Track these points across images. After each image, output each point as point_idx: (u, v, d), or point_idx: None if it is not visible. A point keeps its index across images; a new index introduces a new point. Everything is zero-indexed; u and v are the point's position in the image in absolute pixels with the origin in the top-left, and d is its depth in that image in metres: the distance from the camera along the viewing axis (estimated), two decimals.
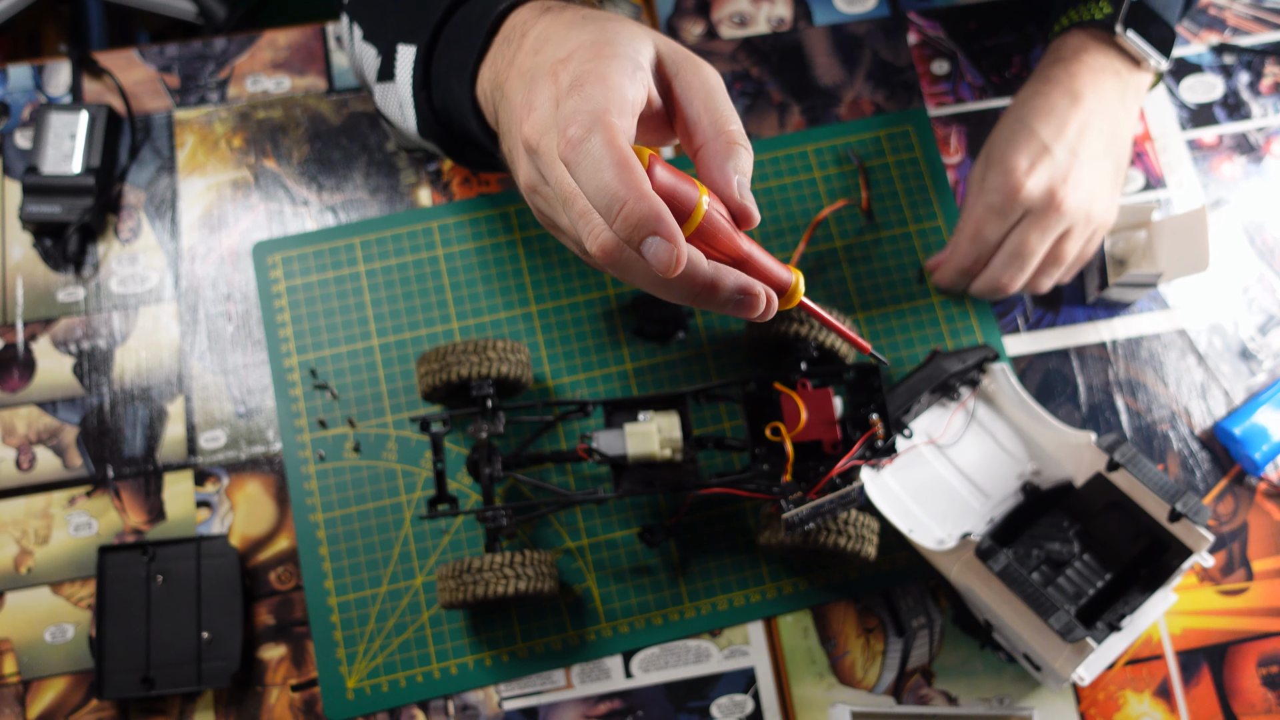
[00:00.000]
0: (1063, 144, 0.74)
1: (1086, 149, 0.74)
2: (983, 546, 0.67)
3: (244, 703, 0.73)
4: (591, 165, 0.44)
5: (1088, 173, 0.74)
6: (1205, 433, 0.80)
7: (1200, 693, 0.74)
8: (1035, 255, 0.75)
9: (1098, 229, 0.77)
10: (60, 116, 0.82)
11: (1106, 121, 0.75)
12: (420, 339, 0.80)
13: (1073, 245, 0.76)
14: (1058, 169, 0.73)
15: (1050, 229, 0.74)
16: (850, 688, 0.74)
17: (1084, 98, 0.75)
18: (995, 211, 0.75)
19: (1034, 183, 0.73)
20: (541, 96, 0.48)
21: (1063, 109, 0.74)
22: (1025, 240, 0.74)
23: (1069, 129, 0.74)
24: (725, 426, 0.79)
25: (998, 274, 0.76)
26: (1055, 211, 0.73)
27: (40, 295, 0.81)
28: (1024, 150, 0.74)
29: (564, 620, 0.75)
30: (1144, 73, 0.77)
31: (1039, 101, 0.75)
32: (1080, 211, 0.74)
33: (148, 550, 0.73)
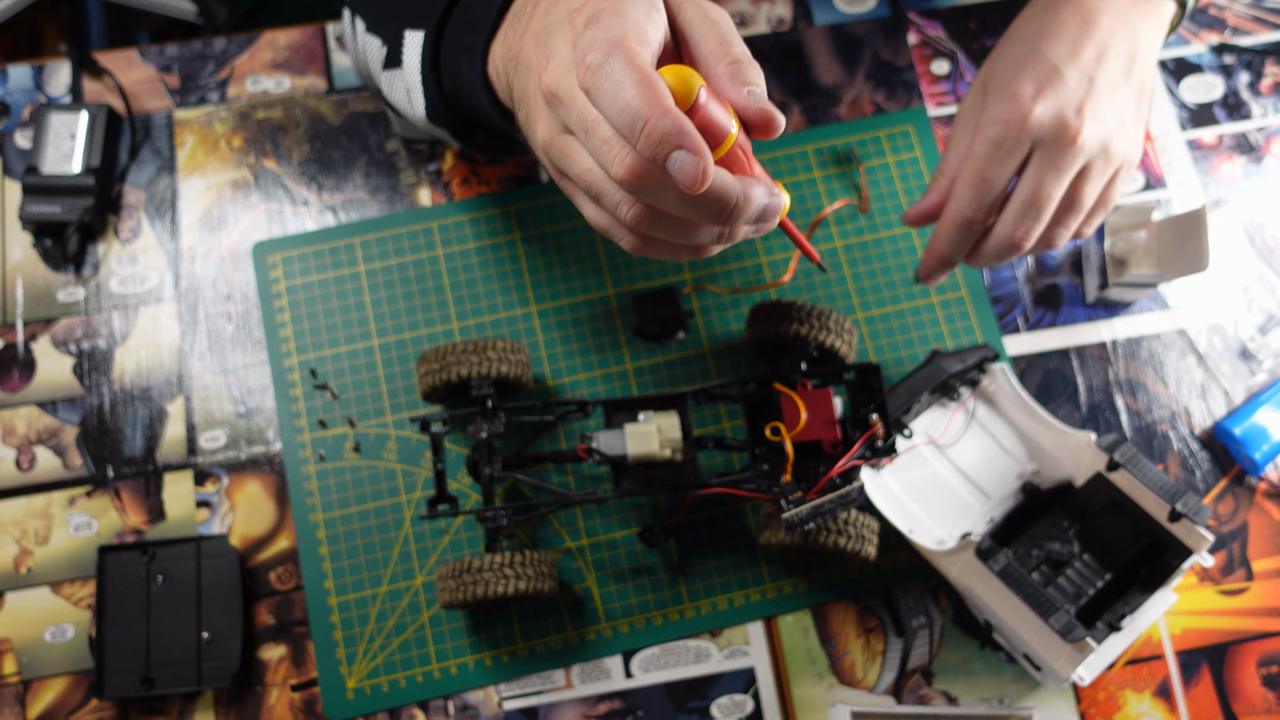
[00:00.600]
0: (1075, 67, 0.63)
1: (1104, 74, 0.64)
2: (983, 546, 0.67)
3: (244, 703, 0.73)
4: (612, 87, 0.44)
5: (1105, 100, 0.64)
6: (1205, 433, 0.80)
7: (1200, 693, 0.74)
8: (1052, 200, 0.64)
9: (1122, 167, 0.66)
10: (60, 116, 0.82)
11: (1125, 43, 0.65)
12: (420, 339, 0.80)
13: (1091, 187, 0.65)
14: (1070, 95, 0.63)
15: (1065, 166, 0.63)
16: (850, 688, 0.74)
17: (1099, 15, 0.65)
18: (997, 146, 0.63)
19: (1042, 110, 0.62)
20: (559, 44, 0.48)
21: (1074, 27, 0.64)
22: (1040, 182, 0.63)
23: (1083, 50, 0.64)
24: (725, 426, 0.79)
25: (1009, 229, 0.64)
26: (1069, 144, 0.62)
27: (40, 295, 0.81)
28: (1029, 74, 0.63)
29: (564, 620, 0.75)
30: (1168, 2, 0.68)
31: (1046, 19, 0.65)
32: (1097, 144, 0.63)
33: (148, 550, 0.73)
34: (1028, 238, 0.65)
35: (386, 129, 0.86)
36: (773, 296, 0.81)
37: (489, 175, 0.84)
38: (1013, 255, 0.66)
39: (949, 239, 0.67)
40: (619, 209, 0.50)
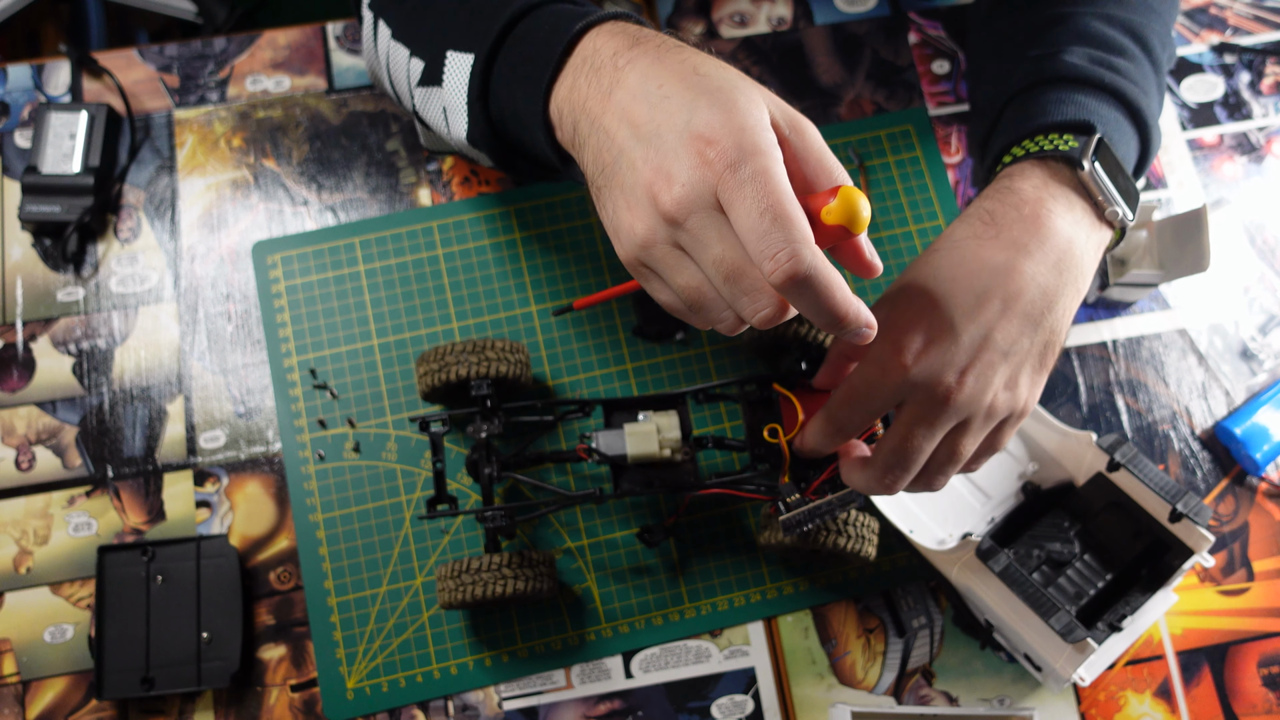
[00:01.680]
0: (975, 326, 0.58)
1: (1005, 329, 0.59)
2: (983, 547, 0.67)
3: (243, 703, 0.72)
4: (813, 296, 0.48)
5: (996, 360, 0.59)
6: (1206, 433, 0.80)
7: (1201, 693, 0.74)
8: (921, 453, 0.59)
9: (1009, 419, 0.61)
10: (60, 116, 0.82)
11: (1045, 292, 0.60)
12: (420, 339, 0.80)
13: (970, 440, 0.60)
14: (956, 357, 0.58)
15: (936, 424, 0.59)
16: (850, 688, 0.74)
17: (1028, 261, 0.60)
18: (870, 384, 0.59)
19: (919, 370, 0.58)
20: (685, 171, 0.49)
21: (990, 277, 0.59)
22: (909, 435, 0.59)
23: (989, 307, 0.59)
24: (725, 426, 0.78)
25: (878, 474, 0.60)
26: (942, 405, 0.58)
27: (40, 295, 0.81)
28: (924, 323, 0.59)
29: (564, 620, 0.75)
30: (1107, 229, 0.64)
31: (968, 253, 0.60)
32: (977, 404, 0.59)
33: (147, 550, 0.73)
34: (895, 485, 0.61)
35: (386, 129, 0.86)
36: None
37: (489, 175, 0.84)
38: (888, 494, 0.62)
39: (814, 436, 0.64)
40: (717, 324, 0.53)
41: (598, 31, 0.57)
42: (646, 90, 0.52)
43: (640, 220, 0.51)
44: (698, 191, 0.49)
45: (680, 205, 0.49)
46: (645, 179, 0.51)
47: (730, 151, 0.48)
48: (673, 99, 0.51)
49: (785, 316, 0.50)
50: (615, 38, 0.55)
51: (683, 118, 0.50)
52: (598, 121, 0.54)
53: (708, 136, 0.49)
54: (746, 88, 0.51)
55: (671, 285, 0.53)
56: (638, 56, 0.53)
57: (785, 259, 0.47)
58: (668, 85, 0.51)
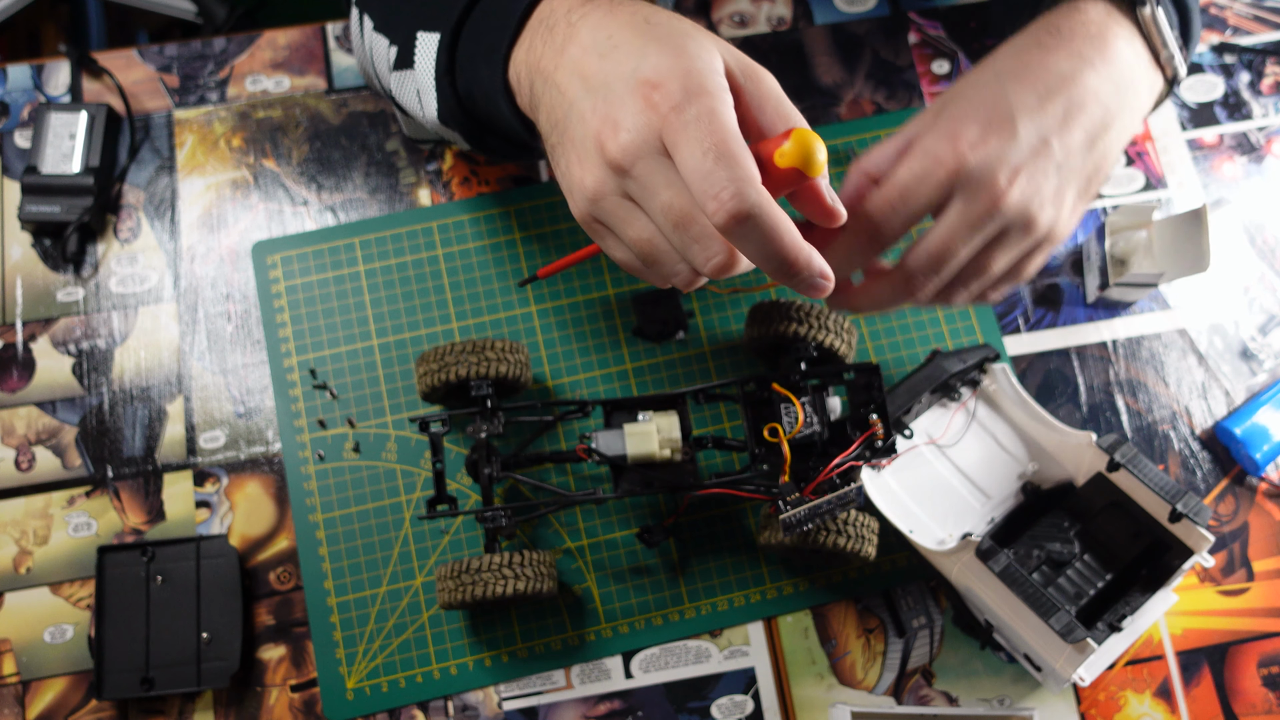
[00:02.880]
0: (1034, 122, 0.57)
1: (1064, 139, 0.57)
2: (983, 547, 0.67)
3: (243, 703, 0.72)
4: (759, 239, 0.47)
5: (1049, 169, 0.57)
6: (1206, 433, 0.80)
7: (1201, 693, 0.74)
8: (957, 259, 0.58)
9: (1044, 243, 0.60)
10: (59, 116, 0.82)
11: (1106, 110, 0.58)
12: (420, 339, 0.80)
13: (1003, 256, 0.59)
14: (1012, 153, 0.56)
15: (978, 227, 0.57)
16: (850, 688, 0.74)
17: (1092, 73, 0.58)
18: (919, 177, 0.57)
19: (976, 160, 0.56)
20: (630, 117, 0.48)
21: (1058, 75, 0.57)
22: (949, 238, 0.57)
23: (1052, 105, 0.57)
24: (725, 426, 0.78)
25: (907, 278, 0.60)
26: (989, 206, 0.56)
27: (39, 295, 0.81)
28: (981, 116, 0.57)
29: (564, 620, 0.75)
30: (1160, 77, 0.63)
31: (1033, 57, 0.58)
32: (1020, 213, 0.57)
33: (147, 550, 0.73)
34: (922, 290, 0.59)
35: (386, 129, 0.86)
36: (773, 296, 0.81)
37: (489, 175, 0.84)
38: (905, 304, 0.62)
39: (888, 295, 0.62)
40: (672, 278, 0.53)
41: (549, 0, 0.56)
42: (597, 42, 0.51)
43: (589, 172, 0.51)
44: (643, 136, 0.48)
45: (626, 152, 0.48)
46: (594, 129, 0.50)
47: (676, 94, 0.47)
48: (622, 48, 0.50)
49: (737, 265, 0.50)
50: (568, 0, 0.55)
51: (631, 65, 0.49)
52: (551, 79, 0.53)
53: (654, 81, 0.48)
54: (697, 34, 0.50)
55: (624, 239, 0.52)
56: (590, 11, 0.53)
57: (728, 197, 0.46)
58: (617, 35, 0.51)
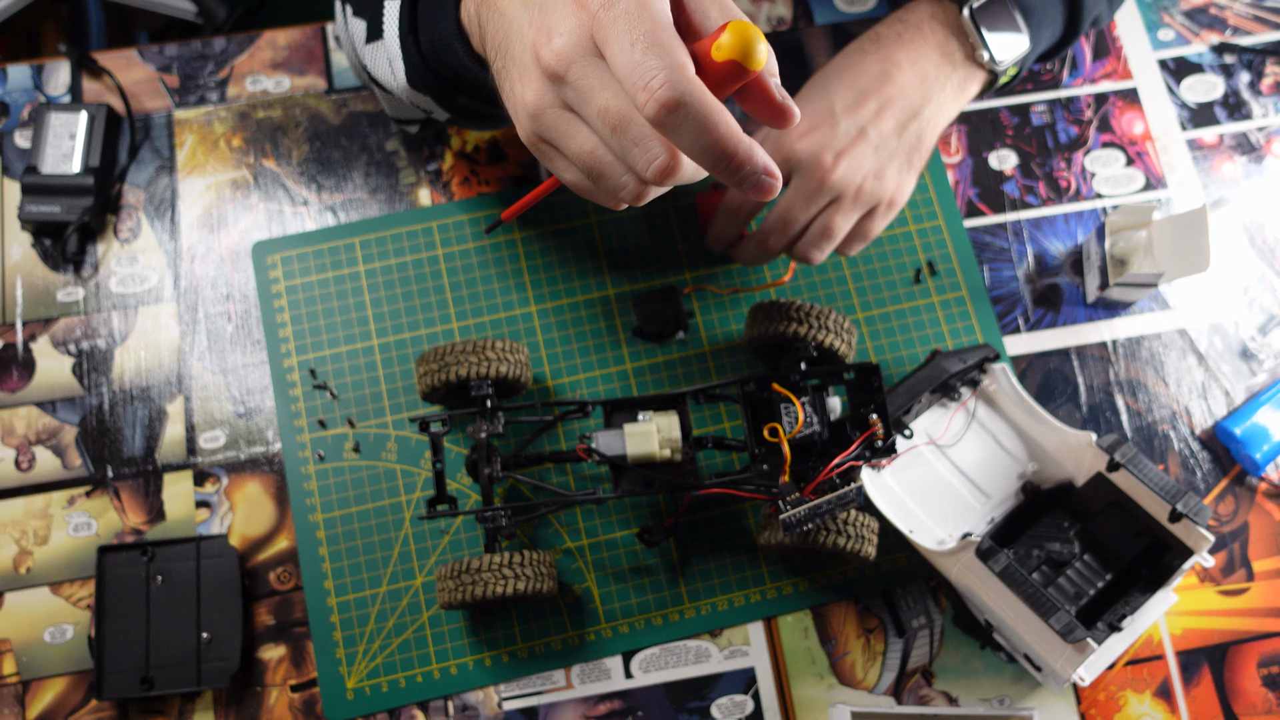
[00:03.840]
0: (851, 117, 0.71)
1: (876, 128, 0.71)
2: (983, 547, 0.67)
3: (243, 703, 0.72)
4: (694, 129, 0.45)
5: (867, 150, 0.71)
6: (1206, 433, 0.80)
7: (1201, 693, 0.74)
8: (797, 222, 0.73)
9: (878, 207, 0.74)
10: (59, 116, 0.82)
11: (912, 102, 0.72)
12: (420, 339, 0.80)
13: (841, 219, 0.73)
14: (834, 140, 0.70)
15: (811, 198, 0.71)
16: (850, 688, 0.74)
17: (900, 72, 0.72)
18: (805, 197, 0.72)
19: (804, 146, 0.70)
20: (562, 20, 0.47)
21: (869, 80, 0.72)
22: (790, 206, 0.72)
23: (866, 103, 0.71)
24: (725, 426, 0.78)
25: (764, 235, 0.74)
26: (818, 181, 0.71)
27: (39, 295, 0.81)
28: (810, 110, 0.71)
29: (564, 620, 0.75)
30: (977, 70, 0.74)
31: (854, 62, 0.73)
32: (847, 185, 0.71)
33: (147, 550, 0.73)
34: (776, 247, 0.74)
35: (386, 129, 0.86)
36: (773, 296, 0.81)
37: (489, 175, 0.84)
38: (769, 258, 0.76)
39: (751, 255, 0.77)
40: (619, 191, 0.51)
41: None
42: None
43: (529, 87, 0.50)
44: (575, 38, 0.47)
45: (560, 57, 0.47)
46: (530, 40, 0.49)
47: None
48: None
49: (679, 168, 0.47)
50: None
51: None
52: (493, 4, 0.54)
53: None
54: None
55: (569, 154, 0.51)
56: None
57: (657, 85, 0.44)
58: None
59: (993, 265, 0.83)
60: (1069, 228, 0.85)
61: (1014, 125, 0.87)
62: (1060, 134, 0.87)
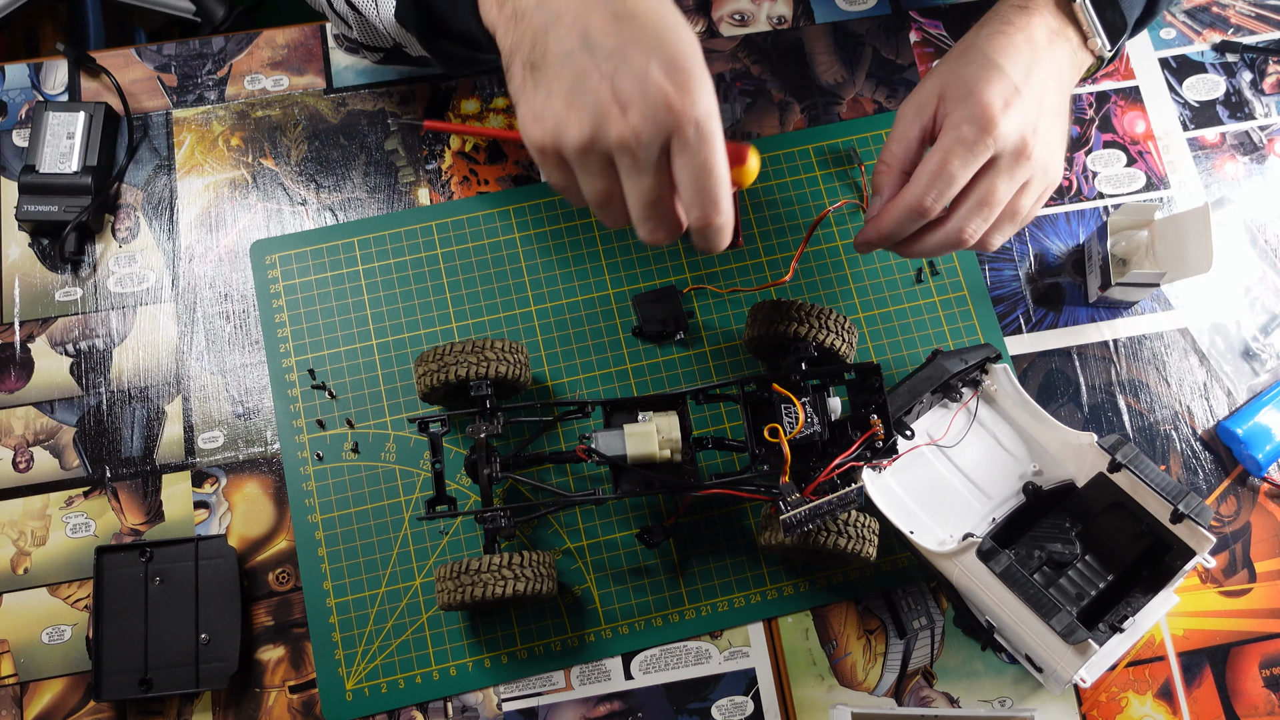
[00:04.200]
0: (1031, 90, 0.67)
1: (1049, 102, 0.69)
2: (984, 547, 0.67)
3: (242, 704, 0.72)
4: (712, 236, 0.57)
5: (1049, 125, 0.69)
6: (1208, 433, 0.80)
7: (1203, 694, 0.74)
8: (1001, 204, 0.68)
9: (1049, 187, 0.71)
10: (57, 115, 0.82)
11: (1059, 80, 0.70)
12: (419, 339, 0.80)
13: (1029, 198, 0.69)
14: (1029, 114, 0.67)
15: (1017, 176, 0.67)
16: (851, 689, 0.74)
17: (1042, 51, 0.69)
18: (967, 146, 0.66)
19: (1008, 122, 0.66)
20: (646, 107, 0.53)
21: (1027, 55, 0.68)
22: (994, 186, 0.67)
23: (1034, 76, 0.68)
24: (725, 426, 0.78)
25: (961, 223, 0.68)
26: (1025, 158, 0.67)
27: (37, 295, 0.81)
28: (996, 87, 0.66)
29: (564, 621, 0.74)
30: (1087, 53, 0.73)
31: (1003, 41, 0.69)
32: (1041, 164, 0.68)
33: (145, 551, 0.73)
34: (975, 234, 0.68)
35: (385, 128, 0.85)
36: (773, 296, 0.81)
37: (488, 175, 0.84)
38: (954, 248, 0.70)
39: (897, 220, 0.69)
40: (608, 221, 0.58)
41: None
42: None
43: (584, 125, 0.55)
44: (656, 132, 0.53)
45: (636, 136, 0.53)
46: (601, 95, 0.54)
47: (690, 109, 0.53)
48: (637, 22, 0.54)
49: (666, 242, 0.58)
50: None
51: (645, 57, 0.53)
52: (547, 4, 0.56)
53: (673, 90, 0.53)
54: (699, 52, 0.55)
55: (583, 188, 0.57)
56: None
57: (715, 213, 0.55)
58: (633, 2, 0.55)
59: (994, 265, 0.83)
60: (1071, 227, 0.85)
61: None
62: None
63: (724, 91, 0.87)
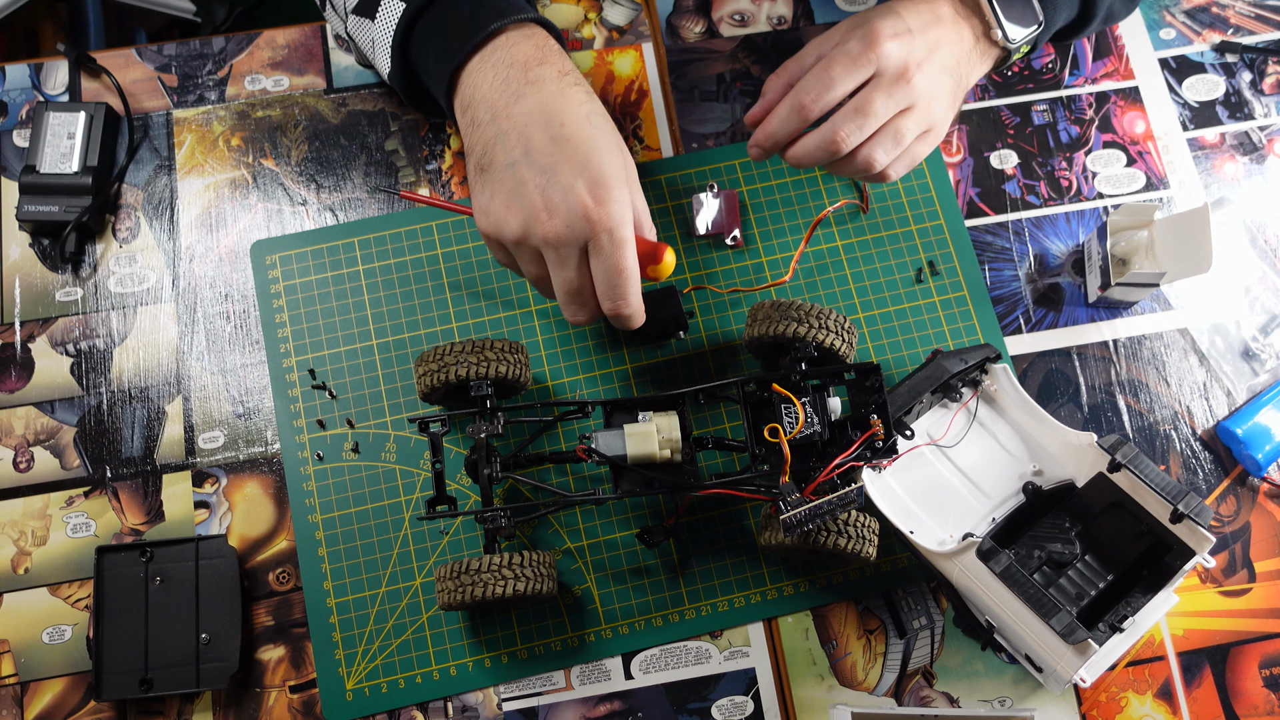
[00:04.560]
0: (924, 38, 0.73)
1: (939, 56, 0.74)
2: (984, 547, 0.67)
3: (242, 704, 0.72)
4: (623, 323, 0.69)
5: (935, 71, 0.73)
6: (1207, 433, 0.80)
7: (1202, 694, 0.74)
8: (878, 116, 0.72)
9: (931, 130, 0.75)
10: (58, 116, 0.82)
11: (956, 54, 0.75)
12: (419, 339, 0.80)
13: (911, 123, 0.73)
14: (916, 50, 0.72)
15: (896, 96, 0.72)
16: (851, 689, 0.74)
17: (946, 24, 0.74)
18: (850, 56, 0.72)
19: (893, 46, 0.72)
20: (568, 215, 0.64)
21: (928, 17, 0.74)
22: (871, 98, 0.72)
23: (930, 32, 0.73)
24: (725, 426, 0.78)
25: (835, 126, 0.72)
26: (904, 81, 0.72)
27: (38, 295, 0.81)
28: (890, 24, 0.72)
29: (564, 621, 0.74)
30: (992, 44, 0.77)
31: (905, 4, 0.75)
32: (925, 96, 0.73)
33: (146, 551, 0.73)
34: (848, 140, 0.72)
35: (386, 128, 0.86)
36: (773, 296, 0.81)
37: None
38: (831, 155, 0.73)
39: (782, 118, 0.74)
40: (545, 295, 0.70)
41: (511, 33, 0.68)
42: (548, 121, 0.65)
43: (517, 224, 0.66)
44: (574, 236, 0.65)
45: (558, 238, 0.65)
46: (533, 202, 0.65)
47: (605, 220, 0.64)
48: (569, 145, 0.65)
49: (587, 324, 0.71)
50: (527, 43, 0.68)
51: (573, 174, 0.64)
52: (498, 121, 0.67)
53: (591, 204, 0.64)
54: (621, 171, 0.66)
55: (521, 270, 0.70)
56: (544, 79, 0.66)
57: (624, 306, 0.67)
58: (568, 127, 0.65)
59: (994, 265, 0.83)
60: (1070, 227, 0.85)
61: (1015, 125, 0.87)
62: (1061, 133, 0.87)
63: (724, 91, 0.87)
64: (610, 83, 0.88)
